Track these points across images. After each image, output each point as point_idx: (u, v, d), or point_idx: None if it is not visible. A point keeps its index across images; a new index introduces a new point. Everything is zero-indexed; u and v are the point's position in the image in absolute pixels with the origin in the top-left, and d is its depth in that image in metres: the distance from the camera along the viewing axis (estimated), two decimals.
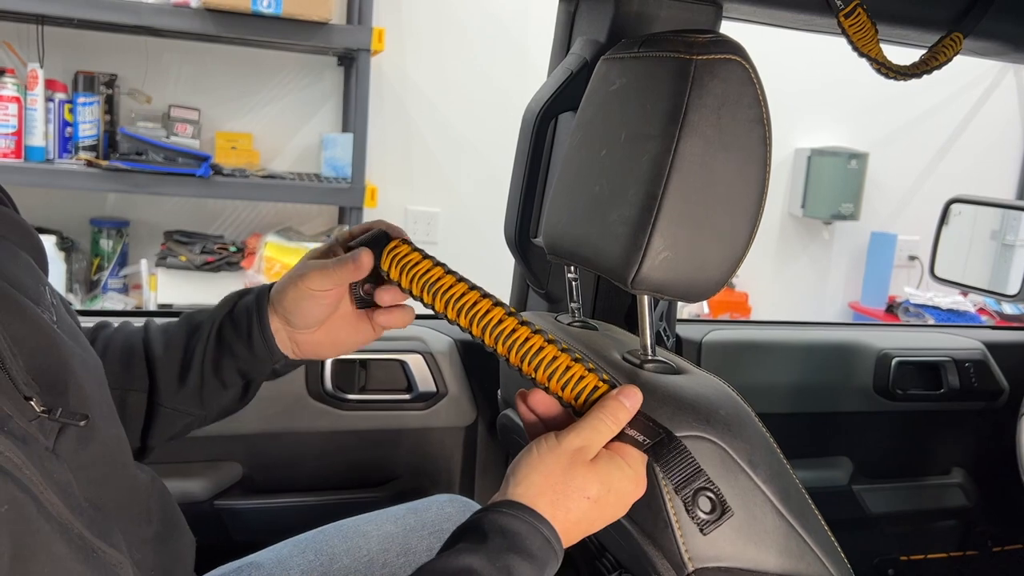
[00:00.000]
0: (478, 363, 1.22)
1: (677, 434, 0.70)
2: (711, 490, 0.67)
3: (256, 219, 2.77)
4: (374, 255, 0.74)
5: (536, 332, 0.68)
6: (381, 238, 0.75)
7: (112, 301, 2.53)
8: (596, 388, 0.67)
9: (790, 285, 3.45)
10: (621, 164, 0.78)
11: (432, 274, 0.71)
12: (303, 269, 0.74)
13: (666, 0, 1.01)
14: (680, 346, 1.33)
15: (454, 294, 0.70)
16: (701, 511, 0.67)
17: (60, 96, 2.42)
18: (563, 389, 0.67)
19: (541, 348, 0.67)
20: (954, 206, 1.82)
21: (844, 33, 1.11)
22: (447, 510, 0.97)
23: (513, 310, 0.70)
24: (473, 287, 0.71)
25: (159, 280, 2.47)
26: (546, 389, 0.68)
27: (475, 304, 0.69)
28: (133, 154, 2.41)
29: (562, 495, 0.62)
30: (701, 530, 0.67)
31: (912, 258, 3.45)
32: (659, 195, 0.72)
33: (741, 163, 0.73)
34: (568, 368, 0.67)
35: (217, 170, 2.47)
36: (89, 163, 2.37)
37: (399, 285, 0.73)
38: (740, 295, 3.32)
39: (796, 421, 1.44)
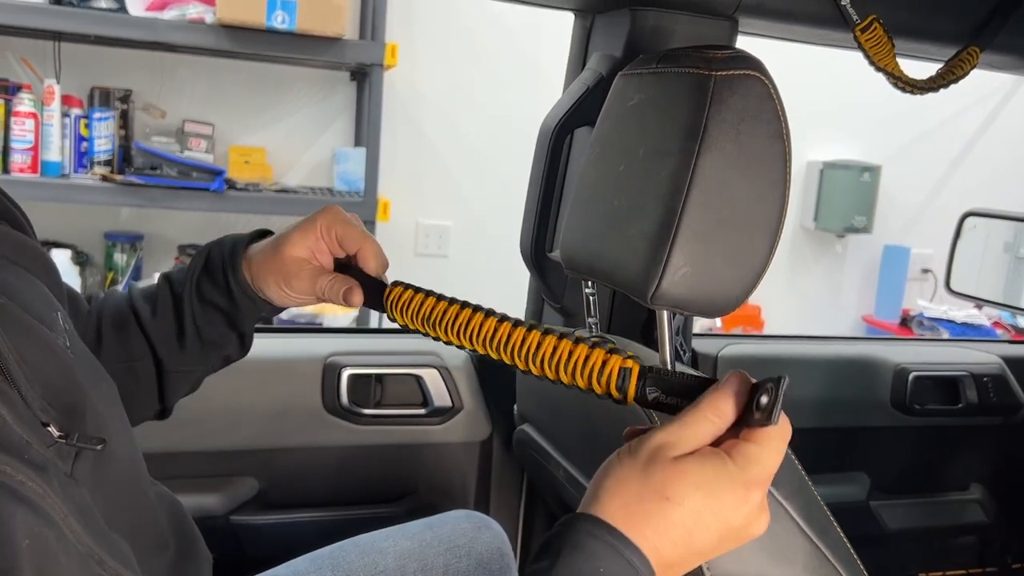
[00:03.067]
0: (493, 377, 1.22)
1: None
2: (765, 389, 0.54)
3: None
4: (368, 293, 0.75)
5: (546, 332, 0.64)
6: (375, 284, 0.76)
7: None
8: (622, 369, 0.59)
9: (803, 298, 3.44)
10: (640, 179, 0.78)
11: (437, 310, 0.70)
12: (292, 269, 0.73)
13: (682, 15, 1.01)
14: (696, 361, 1.32)
15: (461, 323, 0.69)
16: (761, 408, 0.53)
17: (76, 111, 2.44)
18: (591, 381, 0.60)
19: (556, 348, 0.62)
20: (968, 220, 1.82)
21: (860, 48, 1.11)
22: (463, 526, 0.97)
23: (515, 319, 0.67)
24: (476, 309, 0.69)
25: None
26: (579, 389, 0.62)
27: (482, 325, 0.67)
28: (147, 168, 2.43)
29: (635, 499, 0.50)
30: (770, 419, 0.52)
31: (926, 271, 3.44)
32: (679, 211, 0.72)
33: (761, 179, 0.73)
34: (587, 358, 0.60)
35: (231, 184, 2.49)
36: (104, 178, 2.39)
37: (406, 327, 0.74)
38: (753, 308, 3.31)
39: (813, 436, 1.43)
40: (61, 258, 2.41)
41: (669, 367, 0.82)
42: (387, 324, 2.60)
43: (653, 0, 0.99)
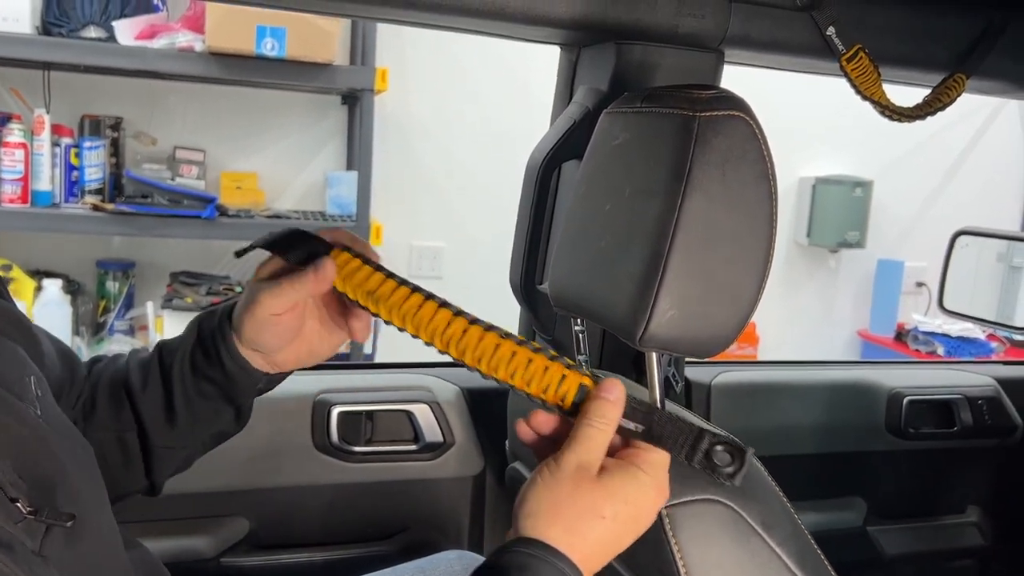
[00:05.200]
0: (485, 412, 1.21)
1: (688, 498, 0.69)
2: (721, 440, 0.60)
3: (262, 258, 2.77)
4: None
5: (506, 336, 0.64)
6: (302, 239, 0.71)
7: (118, 343, 2.53)
8: (582, 386, 0.62)
9: (798, 313, 3.44)
10: (626, 220, 0.78)
11: (384, 289, 0.67)
12: (252, 294, 0.70)
13: (668, 48, 1.01)
14: (689, 389, 1.32)
15: (409, 310, 0.66)
16: (722, 467, 0.59)
17: (66, 141, 2.43)
18: (545, 392, 0.63)
19: (514, 354, 0.63)
20: (960, 238, 1.82)
21: (847, 77, 1.11)
22: (455, 568, 0.96)
23: (474, 317, 0.66)
24: (428, 297, 0.67)
25: (165, 322, 2.47)
26: (529, 396, 0.64)
27: (432, 318, 0.65)
28: (138, 197, 2.42)
29: (575, 520, 0.58)
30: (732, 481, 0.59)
31: (920, 284, 3.44)
32: (664, 253, 0.72)
33: (747, 220, 0.73)
34: (547, 369, 0.63)
35: (222, 211, 2.48)
36: (95, 207, 2.38)
37: (347, 298, 0.70)
38: (748, 324, 3.30)
39: (808, 462, 1.42)
40: (52, 288, 2.40)
41: (659, 407, 0.81)
42: (377, 359, 2.57)
43: (638, 34, 0.99)
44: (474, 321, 0.65)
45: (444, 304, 0.66)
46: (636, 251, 0.74)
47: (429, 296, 0.67)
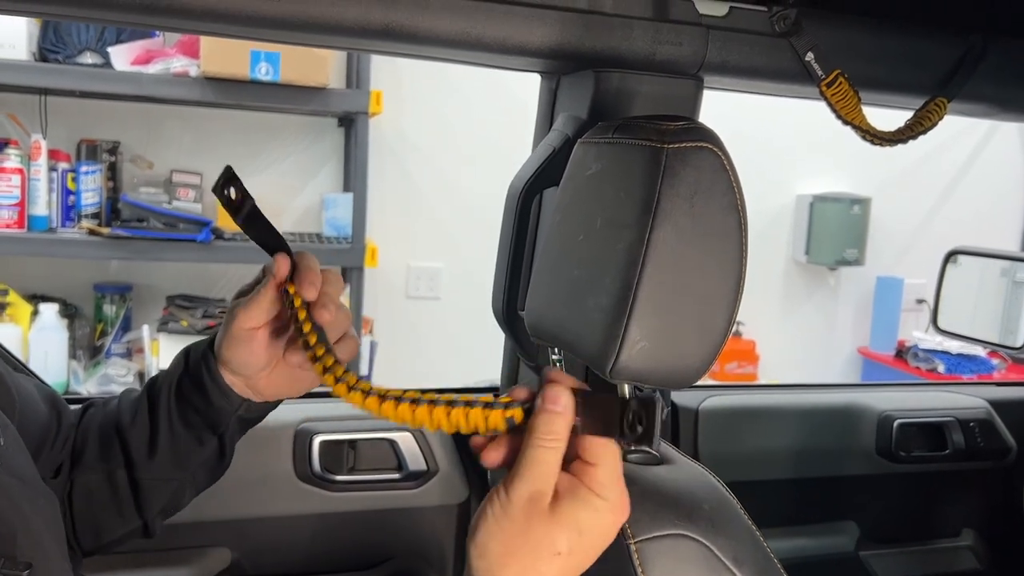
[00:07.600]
0: (469, 439, 1.20)
1: (658, 533, 0.68)
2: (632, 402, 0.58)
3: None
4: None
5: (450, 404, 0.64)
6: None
7: (115, 367, 2.53)
8: (521, 406, 0.60)
9: (797, 332, 3.43)
10: (597, 251, 0.78)
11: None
12: (229, 313, 0.72)
13: (646, 76, 1.01)
14: (676, 414, 1.31)
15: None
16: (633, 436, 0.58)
17: (63, 165, 2.45)
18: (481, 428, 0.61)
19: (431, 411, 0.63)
20: (954, 257, 1.81)
21: (826, 101, 1.11)
22: None
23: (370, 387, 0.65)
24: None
25: (161, 345, 2.47)
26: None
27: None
28: (134, 221, 2.43)
29: (530, 560, 0.54)
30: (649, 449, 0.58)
31: (920, 301, 3.42)
32: (634, 285, 0.71)
33: (716, 252, 0.73)
34: (467, 416, 0.61)
35: (218, 234, 2.49)
36: (91, 231, 2.39)
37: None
38: (747, 343, 3.30)
39: (799, 487, 1.41)
40: (48, 312, 2.41)
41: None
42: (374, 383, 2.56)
43: (615, 62, 0.99)
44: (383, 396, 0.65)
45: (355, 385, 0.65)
46: (607, 282, 0.74)
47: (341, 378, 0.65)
